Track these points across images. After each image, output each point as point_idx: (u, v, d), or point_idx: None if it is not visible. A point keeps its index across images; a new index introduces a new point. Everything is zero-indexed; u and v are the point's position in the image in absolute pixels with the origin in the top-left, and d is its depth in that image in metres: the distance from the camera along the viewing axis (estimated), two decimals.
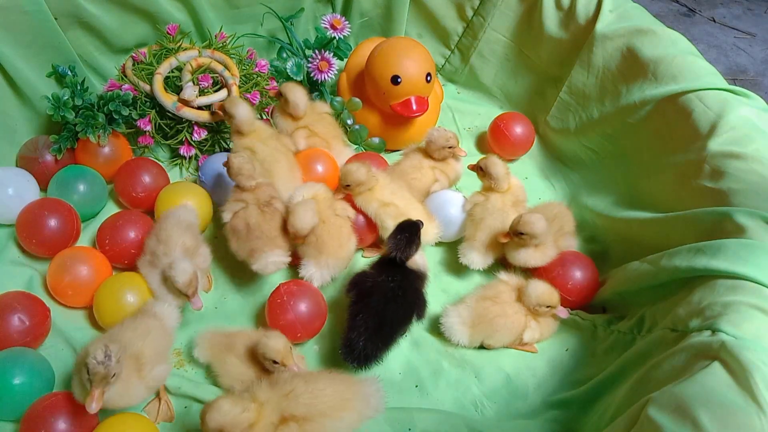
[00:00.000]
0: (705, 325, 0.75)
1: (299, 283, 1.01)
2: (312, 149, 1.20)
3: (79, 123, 1.10)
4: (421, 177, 1.17)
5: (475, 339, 1.01)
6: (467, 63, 1.44)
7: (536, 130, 1.36)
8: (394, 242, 0.95)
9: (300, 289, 1.00)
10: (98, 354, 0.77)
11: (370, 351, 0.92)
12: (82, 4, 1.16)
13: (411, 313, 0.96)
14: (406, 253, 0.95)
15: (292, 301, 0.97)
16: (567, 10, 1.25)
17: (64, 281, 0.99)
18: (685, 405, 0.65)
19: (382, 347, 0.94)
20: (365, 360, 0.92)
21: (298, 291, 0.99)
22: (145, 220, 1.07)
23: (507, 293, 1.02)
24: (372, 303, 0.93)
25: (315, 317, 0.99)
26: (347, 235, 1.05)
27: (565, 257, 1.08)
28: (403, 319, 0.96)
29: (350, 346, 0.92)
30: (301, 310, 0.97)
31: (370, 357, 0.92)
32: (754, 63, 1.86)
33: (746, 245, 0.80)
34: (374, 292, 0.94)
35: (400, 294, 0.95)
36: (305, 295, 0.99)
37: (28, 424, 0.82)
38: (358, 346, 0.91)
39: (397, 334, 0.95)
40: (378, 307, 0.93)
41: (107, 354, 0.77)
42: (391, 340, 0.95)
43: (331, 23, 1.25)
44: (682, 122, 1.04)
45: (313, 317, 0.99)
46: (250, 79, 1.26)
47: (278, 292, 0.99)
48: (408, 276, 0.97)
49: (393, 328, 0.94)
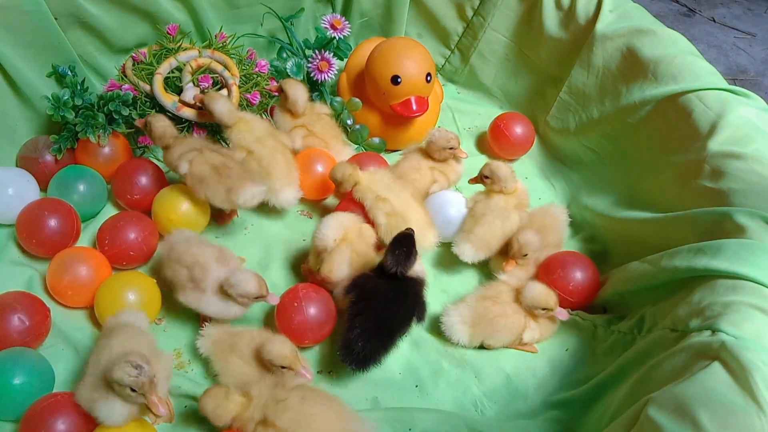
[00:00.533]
0: (705, 325, 0.75)
1: (317, 288, 1.01)
2: (312, 149, 1.20)
3: (78, 123, 1.10)
4: (420, 178, 1.17)
5: (476, 338, 1.01)
6: (467, 63, 1.44)
7: (536, 130, 1.36)
8: (393, 258, 0.93)
9: (316, 295, 0.99)
10: (129, 370, 0.77)
11: (368, 352, 0.91)
12: (82, 4, 1.16)
13: (411, 315, 0.95)
14: (405, 267, 0.93)
15: (305, 305, 0.97)
16: (567, 10, 1.25)
17: (63, 281, 0.99)
18: (685, 405, 0.65)
19: (381, 349, 0.93)
20: (363, 361, 0.91)
21: (316, 296, 0.99)
22: (146, 222, 1.07)
23: (507, 293, 1.03)
24: (372, 304, 0.93)
25: (324, 323, 0.98)
26: (372, 259, 1.03)
27: (566, 258, 1.08)
28: (403, 321, 0.95)
29: (349, 347, 0.91)
30: (312, 314, 0.97)
31: (368, 358, 0.91)
32: (754, 63, 1.86)
33: (746, 245, 0.80)
34: (375, 293, 0.94)
35: (401, 296, 0.94)
36: (319, 300, 0.99)
37: (28, 424, 0.82)
38: (357, 346, 0.90)
39: (396, 335, 0.94)
40: (378, 308, 0.92)
41: (136, 365, 0.78)
42: (390, 341, 0.94)
43: (331, 23, 1.25)
44: (682, 122, 1.04)
45: (323, 323, 0.98)
46: (250, 79, 1.26)
47: (295, 294, 0.98)
48: (407, 281, 0.96)
49: (393, 330, 0.94)
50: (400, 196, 1.08)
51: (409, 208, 1.07)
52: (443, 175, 1.18)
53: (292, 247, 1.15)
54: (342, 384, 0.98)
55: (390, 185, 1.09)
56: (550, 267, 1.06)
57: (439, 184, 1.18)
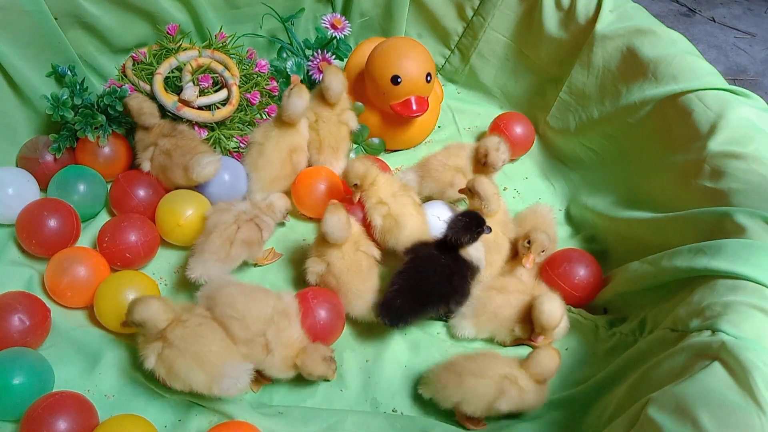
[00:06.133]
0: (705, 325, 0.75)
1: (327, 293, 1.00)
2: (314, 168, 1.19)
3: (78, 122, 1.10)
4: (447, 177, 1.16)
5: (482, 330, 1.01)
6: (467, 63, 1.44)
7: (536, 130, 1.36)
8: (451, 222, 0.96)
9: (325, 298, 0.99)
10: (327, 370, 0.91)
11: (400, 308, 0.93)
12: (82, 4, 1.16)
13: (449, 295, 0.97)
14: (458, 235, 0.95)
15: (315, 306, 0.97)
16: (567, 10, 1.25)
17: (62, 283, 0.99)
18: (685, 405, 0.65)
19: (412, 309, 0.94)
20: (394, 315, 0.93)
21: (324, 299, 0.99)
22: (150, 227, 1.07)
23: (514, 285, 1.02)
24: (418, 267, 0.96)
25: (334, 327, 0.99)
26: (367, 268, 1.03)
27: (571, 254, 1.08)
28: (441, 296, 0.96)
29: (384, 301, 0.94)
30: (322, 317, 0.96)
31: (400, 315, 0.93)
32: (754, 63, 1.86)
33: (746, 245, 0.80)
34: (426, 260, 0.97)
35: (447, 272, 0.96)
36: (329, 304, 0.98)
37: (28, 424, 0.82)
38: (392, 302, 0.93)
39: (429, 305, 0.96)
40: (421, 272, 0.96)
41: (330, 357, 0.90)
42: (422, 307, 0.95)
43: (331, 23, 1.25)
44: (682, 122, 1.04)
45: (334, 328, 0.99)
46: (250, 79, 1.26)
47: (305, 299, 0.98)
48: (460, 261, 0.97)
49: (427, 298, 0.95)
50: (401, 201, 1.07)
51: (407, 213, 1.06)
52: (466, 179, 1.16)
53: (293, 247, 1.15)
54: (343, 385, 0.98)
55: (395, 192, 1.08)
56: (555, 262, 1.07)
57: (456, 188, 1.16)
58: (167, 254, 1.12)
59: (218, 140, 1.22)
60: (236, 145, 1.23)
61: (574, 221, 1.23)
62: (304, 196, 1.16)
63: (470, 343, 1.04)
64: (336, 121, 1.20)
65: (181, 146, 1.08)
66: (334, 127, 1.20)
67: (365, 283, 1.01)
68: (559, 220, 1.24)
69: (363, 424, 0.90)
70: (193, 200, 1.09)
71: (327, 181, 1.16)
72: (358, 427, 0.89)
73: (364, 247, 1.03)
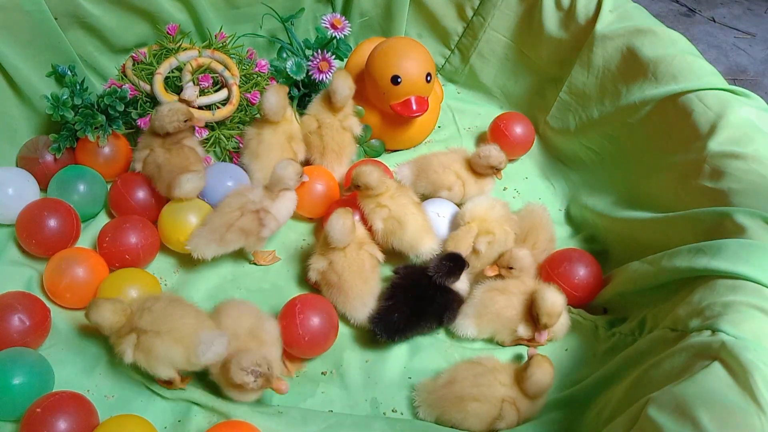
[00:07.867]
0: (705, 325, 0.75)
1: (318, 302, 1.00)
2: (313, 167, 1.19)
3: (77, 122, 1.10)
4: (444, 179, 1.17)
5: (484, 331, 1.02)
6: (467, 63, 1.44)
7: (536, 130, 1.36)
8: (436, 264, 1.00)
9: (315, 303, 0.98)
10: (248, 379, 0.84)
11: (400, 324, 0.97)
12: (82, 4, 1.16)
13: (438, 316, 1.01)
14: (443, 279, 1.00)
15: (304, 316, 0.95)
16: (567, 10, 1.25)
17: (61, 285, 0.99)
18: (685, 405, 0.65)
19: (411, 324, 0.98)
20: (394, 331, 0.97)
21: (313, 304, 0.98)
22: (152, 231, 1.07)
23: (516, 286, 1.02)
24: (410, 285, 1.01)
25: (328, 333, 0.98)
26: (370, 269, 1.03)
27: (571, 254, 1.08)
28: (433, 313, 1.00)
29: (380, 315, 0.98)
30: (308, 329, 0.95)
31: (400, 329, 0.97)
32: (754, 63, 1.86)
33: (746, 245, 0.80)
34: (419, 279, 1.01)
35: (437, 294, 1.00)
36: (320, 311, 0.97)
37: (28, 424, 0.82)
38: (390, 315, 0.97)
39: (424, 320, 1.00)
40: (415, 291, 1.00)
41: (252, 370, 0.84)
42: (417, 321, 0.99)
43: (331, 23, 1.25)
44: (682, 122, 1.04)
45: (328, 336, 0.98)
46: (250, 79, 1.26)
47: (291, 310, 0.96)
48: (445, 291, 1.01)
49: (423, 312, 0.99)
50: (400, 201, 1.07)
51: (408, 213, 1.06)
52: (464, 187, 1.17)
53: (293, 247, 1.15)
54: (343, 385, 0.98)
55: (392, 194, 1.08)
56: (555, 262, 1.07)
57: (453, 193, 1.17)
58: (167, 254, 1.12)
59: (218, 140, 1.22)
60: (236, 145, 1.23)
61: (574, 221, 1.23)
62: (302, 196, 1.16)
63: (470, 343, 1.04)
64: (339, 127, 1.20)
65: (172, 163, 1.07)
66: (337, 133, 1.20)
67: (367, 283, 1.01)
68: (559, 220, 1.24)
69: (363, 424, 0.90)
70: (197, 212, 1.07)
71: (324, 182, 1.16)
72: (358, 428, 0.89)
73: (369, 248, 1.03)
